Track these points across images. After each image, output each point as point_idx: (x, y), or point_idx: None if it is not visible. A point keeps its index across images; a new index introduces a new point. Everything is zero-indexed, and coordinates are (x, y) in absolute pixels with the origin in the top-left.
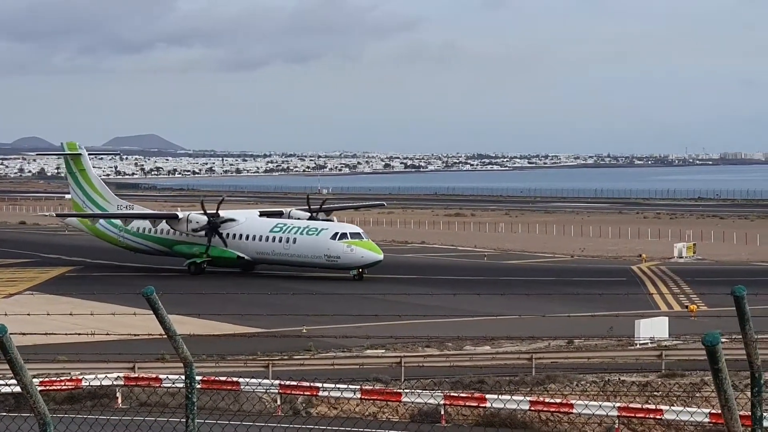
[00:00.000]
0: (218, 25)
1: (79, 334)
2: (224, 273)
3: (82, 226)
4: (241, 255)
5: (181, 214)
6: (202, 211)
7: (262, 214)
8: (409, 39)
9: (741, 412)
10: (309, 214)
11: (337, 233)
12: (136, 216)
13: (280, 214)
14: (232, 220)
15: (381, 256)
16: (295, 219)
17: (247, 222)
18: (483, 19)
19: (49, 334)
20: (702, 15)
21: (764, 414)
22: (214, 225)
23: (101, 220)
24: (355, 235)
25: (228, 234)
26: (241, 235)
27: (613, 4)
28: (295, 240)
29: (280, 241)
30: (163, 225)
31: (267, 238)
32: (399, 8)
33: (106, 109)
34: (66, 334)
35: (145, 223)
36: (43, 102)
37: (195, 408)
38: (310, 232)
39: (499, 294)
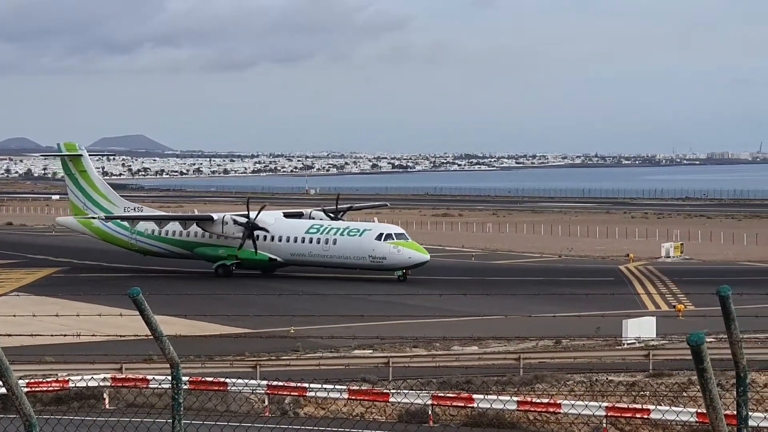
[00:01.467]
0: (206, 25)
1: (65, 335)
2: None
3: (85, 229)
4: (274, 257)
5: (215, 216)
6: (239, 213)
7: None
8: (397, 39)
9: (727, 412)
10: (330, 215)
11: (381, 234)
12: (170, 218)
13: (300, 215)
14: (265, 222)
15: (428, 257)
16: (319, 220)
17: (277, 223)
18: (471, 19)
19: (36, 335)
20: (689, 15)
21: (749, 413)
22: (253, 227)
23: (107, 222)
24: (400, 236)
25: (260, 236)
26: (273, 237)
27: (600, 4)
28: (335, 241)
29: (318, 242)
30: (175, 226)
31: (303, 240)
32: (388, 8)
33: (94, 110)
34: (52, 335)
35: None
36: (30, 102)
37: (181, 409)
38: (351, 233)
39: (485, 294)
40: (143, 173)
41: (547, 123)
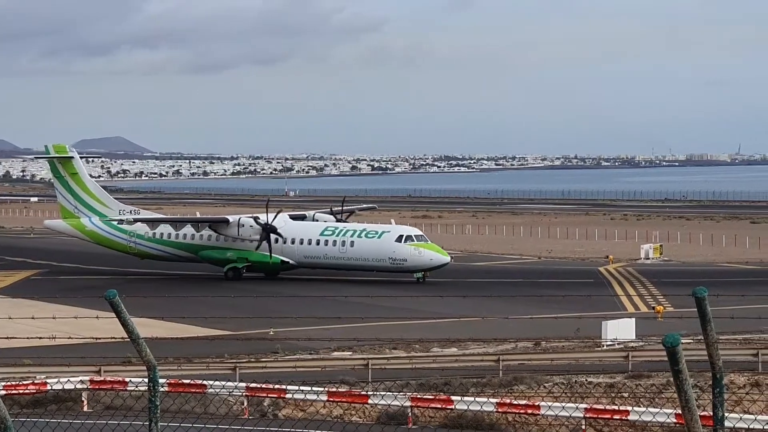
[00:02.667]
0: (184, 26)
1: (41, 337)
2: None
3: (77, 232)
4: (286, 260)
5: (231, 219)
6: (252, 215)
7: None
8: (375, 40)
9: (706, 413)
10: (334, 216)
11: (401, 236)
12: (187, 220)
13: (303, 218)
14: (278, 224)
15: (449, 258)
16: (323, 222)
17: (287, 226)
18: (448, 21)
19: (12, 338)
20: (669, 16)
21: (726, 414)
22: (270, 229)
23: (102, 224)
24: (420, 238)
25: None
26: (285, 239)
27: (579, 5)
28: (352, 243)
29: (335, 244)
30: (187, 229)
31: (318, 242)
32: (366, 10)
33: (72, 112)
34: (27, 338)
35: (166, 228)
36: (7, 105)
37: (158, 411)
38: (369, 235)
39: (464, 296)
40: (122, 175)
41: (527, 124)
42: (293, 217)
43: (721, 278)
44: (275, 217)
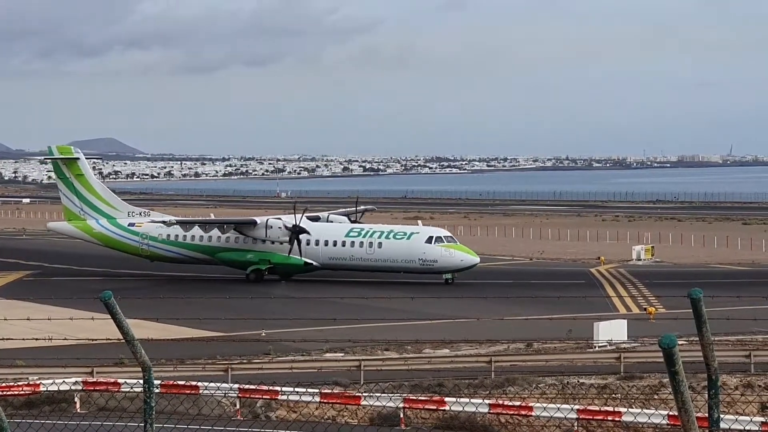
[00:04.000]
0: (176, 27)
1: (36, 339)
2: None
3: (84, 234)
4: (309, 261)
5: (259, 220)
6: (277, 216)
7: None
8: (367, 42)
9: (698, 414)
10: (350, 217)
11: (431, 237)
12: (218, 222)
13: (317, 219)
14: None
15: (478, 259)
16: (338, 223)
17: (311, 227)
18: (441, 22)
19: (7, 339)
20: (660, 17)
21: (721, 416)
22: (300, 231)
23: (110, 226)
24: (449, 239)
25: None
26: (308, 241)
27: (571, 6)
28: (380, 244)
29: (361, 245)
30: (197, 231)
31: (344, 243)
32: (358, 11)
33: (64, 113)
34: (23, 339)
35: (180, 231)
36: None
37: (153, 413)
38: (398, 236)
39: (456, 297)
40: (114, 176)
41: (518, 126)
42: (308, 219)
43: (713, 279)
44: (311, 219)
